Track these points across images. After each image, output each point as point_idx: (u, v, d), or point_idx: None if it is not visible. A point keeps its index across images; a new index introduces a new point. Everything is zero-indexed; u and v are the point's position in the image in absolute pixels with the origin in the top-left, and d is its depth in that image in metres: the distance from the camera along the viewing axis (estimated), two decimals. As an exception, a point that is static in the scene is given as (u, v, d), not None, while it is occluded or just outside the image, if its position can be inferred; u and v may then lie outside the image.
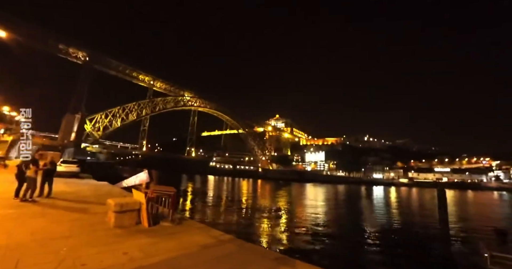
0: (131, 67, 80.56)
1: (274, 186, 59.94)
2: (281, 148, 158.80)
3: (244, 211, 22.79)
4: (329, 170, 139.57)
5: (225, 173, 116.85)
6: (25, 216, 6.25)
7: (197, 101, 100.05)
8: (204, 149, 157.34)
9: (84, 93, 67.07)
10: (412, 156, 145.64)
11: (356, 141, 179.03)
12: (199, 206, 24.87)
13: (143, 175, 16.00)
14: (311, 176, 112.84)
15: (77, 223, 5.95)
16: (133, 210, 6.19)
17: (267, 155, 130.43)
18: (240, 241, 5.54)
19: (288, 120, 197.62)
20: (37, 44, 62.52)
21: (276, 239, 13.79)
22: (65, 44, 66.39)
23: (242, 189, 49.60)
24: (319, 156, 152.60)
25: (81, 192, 11.22)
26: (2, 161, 19.50)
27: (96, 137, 68.83)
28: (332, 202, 35.20)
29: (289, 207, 27.50)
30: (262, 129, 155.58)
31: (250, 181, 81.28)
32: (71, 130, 60.63)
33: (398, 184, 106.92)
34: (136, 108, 77.66)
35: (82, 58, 69.21)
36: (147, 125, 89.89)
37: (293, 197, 40.18)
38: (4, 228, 5.18)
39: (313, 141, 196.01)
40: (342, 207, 31.20)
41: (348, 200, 40.90)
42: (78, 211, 7.29)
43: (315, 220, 20.00)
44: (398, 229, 18.85)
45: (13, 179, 8.38)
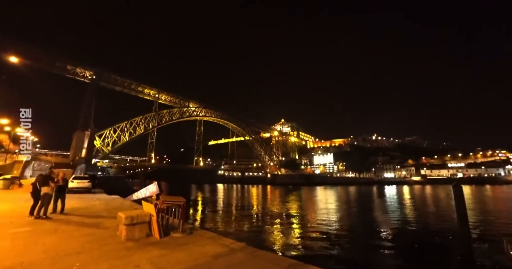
0: (136, 82, 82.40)
1: (284, 191, 59.32)
2: (288, 153, 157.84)
3: (255, 218, 22.56)
4: (339, 172, 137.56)
5: (234, 180, 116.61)
6: (39, 234, 6.34)
7: (202, 111, 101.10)
8: (212, 158, 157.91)
9: (92, 110, 68.69)
10: (423, 153, 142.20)
11: (364, 141, 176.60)
12: (210, 215, 24.76)
13: (152, 187, 16.15)
14: (320, 179, 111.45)
15: (89, 238, 5.99)
16: (144, 222, 6.22)
17: (274, 160, 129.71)
18: (252, 248, 5.46)
19: (294, 123, 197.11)
20: (45, 66, 64.90)
21: (288, 245, 13.52)
22: (72, 65, 68.72)
23: (251, 196, 49.25)
24: (327, 158, 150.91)
25: (93, 207, 11.35)
26: (18, 181, 19.99)
27: (105, 152, 70.04)
28: (344, 205, 34.52)
29: (300, 211, 27.09)
30: (268, 134, 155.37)
31: (259, 187, 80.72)
32: (82, 146, 61.90)
33: (410, 182, 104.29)
34: (143, 121, 78.98)
35: (89, 77, 71.31)
36: (155, 138, 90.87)
37: (303, 201, 39.62)
38: (18, 246, 5.26)
39: (320, 143, 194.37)
40: (354, 209, 30.53)
41: (360, 202, 40.04)
42: (90, 226, 7.35)
43: (328, 223, 19.59)
44: (415, 229, 18.27)
45: (28, 197, 8.57)
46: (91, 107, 68.14)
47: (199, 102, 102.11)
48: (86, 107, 67.43)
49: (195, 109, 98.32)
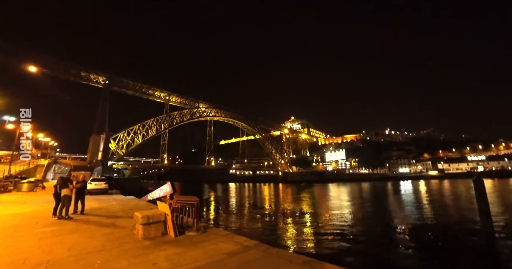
0: (147, 85, 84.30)
1: (296, 189, 59.04)
2: (299, 150, 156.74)
3: (268, 216, 22.61)
4: (351, 168, 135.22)
5: (246, 179, 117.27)
6: (62, 233, 6.66)
7: (211, 111, 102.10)
8: (223, 158, 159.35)
9: (106, 114, 70.97)
10: (440, 146, 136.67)
11: (377, 135, 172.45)
12: (222, 214, 25.04)
13: (166, 187, 16.55)
14: (333, 176, 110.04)
15: (108, 237, 6.24)
16: (159, 221, 6.39)
17: (285, 158, 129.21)
18: (266, 246, 5.50)
19: (304, 120, 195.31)
20: (61, 74, 67.63)
21: (302, 242, 13.49)
22: (86, 71, 71.16)
23: (263, 194, 49.35)
24: (339, 154, 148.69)
25: (110, 207, 11.77)
26: (41, 183, 20.98)
27: (120, 154, 72.23)
28: (358, 201, 33.94)
29: (313, 209, 26.89)
30: (278, 132, 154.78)
31: (271, 185, 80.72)
32: (98, 149, 64.11)
33: (427, 177, 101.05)
34: (155, 123, 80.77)
35: (102, 82, 73.64)
36: (167, 139, 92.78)
37: (316, 198, 39.28)
38: (45, 245, 5.56)
39: (331, 139, 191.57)
40: (368, 206, 29.95)
41: (375, 198, 39.23)
42: (109, 225, 7.64)
43: (341, 220, 19.35)
44: (433, 225, 17.70)
45: (51, 199, 9.01)
46: (105, 112, 70.38)
47: (209, 102, 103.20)
48: (100, 111, 69.73)
49: (205, 110, 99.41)
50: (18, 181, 18.80)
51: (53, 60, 65.21)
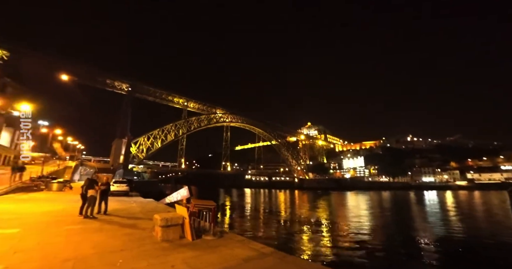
0: (166, 91, 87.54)
1: (312, 196, 57.73)
2: (316, 157, 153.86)
3: (283, 223, 22.27)
4: (371, 176, 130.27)
5: (261, 185, 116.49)
6: (87, 231, 7.02)
7: (228, 117, 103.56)
8: (239, 163, 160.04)
9: (128, 120, 74.34)
10: (468, 154, 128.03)
11: (398, 142, 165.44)
12: (238, 219, 25.02)
13: (183, 191, 16.86)
14: (351, 184, 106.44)
15: (129, 237, 6.47)
16: (177, 224, 6.55)
17: (302, 164, 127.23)
18: (282, 253, 5.44)
19: (321, 127, 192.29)
20: (89, 81, 72.18)
21: (318, 251, 13.11)
22: (111, 79, 75.43)
23: (279, 201, 48.73)
24: (357, 161, 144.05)
25: (131, 209, 12.22)
26: (68, 184, 22.24)
27: (140, 158, 74.96)
28: (377, 211, 32.48)
29: (330, 217, 26.12)
30: (294, 138, 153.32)
31: (287, 192, 79.59)
32: (120, 153, 67.08)
33: (454, 188, 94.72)
34: (174, 128, 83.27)
35: (125, 89, 77.55)
36: (184, 144, 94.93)
37: (333, 207, 38.14)
38: (73, 242, 5.89)
39: (349, 146, 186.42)
40: (389, 216, 28.57)
41: (396, 208, 37.37)
42: (130, 226, 7.93)
43: (360, 230, 18.59)
44: (462, 240, 16.47)
45: (78, 198, 9.57)
46: (127, 117, 73.76)
47: (226, 108, 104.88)
48: (123, 117, 73.21)
49: (222, 115, 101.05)
50: (49, 181, 20.08)
51: (83, 69, 69.90)
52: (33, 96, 38.56)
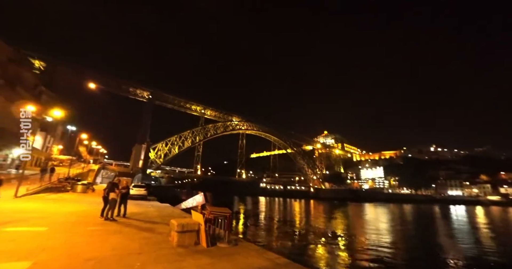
0: (185, 99, 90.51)
1: (328, 207, 55.96)
2: (332, 166, 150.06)
3: (299, 234, 21.68)
4: (391, 188, 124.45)
5: (276, 194, 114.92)
6: (108, 233, 7.27)
7: (244, 125, 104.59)
8: (254, 171, 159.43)
9: (148, 126, 77.45)
10: (501, 167, 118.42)
11: (420, 152, 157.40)
12: (252, 228, 24.71)
13: (199, 197, 17.00)
14: (369, 195, 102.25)
15: (146, 241, 6.62)
16: (193, 230, 6.60)
17: (318, 174, 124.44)
18: (297, 265, 5.30)
19: (338, 135, 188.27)
20: (113, 89, 76.52)
21: (335, 266, 12.56)
22: (133, 87, 79.47)
23: (294, 211, 47.69)
24: (376, 172, 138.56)
25: (148, 213, 12.52)
26: (91, 186, 23.31)
27: (158, 163, 77.22)
28: (399, 225, 30.73)
29: (348, 230, 25.08)
30: (310, 147, 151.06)
31: (302, 201, 77.81)
32: (139, 158, 69.60)
33: (486, 203, 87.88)
34: (191, 135, 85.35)
35: (146, 97, 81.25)
36: (201, 151, 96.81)
37: (350, 218, 36.66)
38: (93, 242, 6.14)
39: (367, 156, 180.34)
40: (412, 231, 26.91)
41: (419, 223, 35.15)
42: (147, 230, 8.12)
43: (379, 245, 17.63)
44: (496, 261, 15.08)
45: (100, 200, 9.99)
46: (147, 123, 76.84)
47: (242, 116, 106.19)
48: (143, 123, 76.35)
49: (238, 123, 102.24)
50: (74, 183, 21.19)
51: (110, 78, 74.45)
52: (64, 102, 41.47)
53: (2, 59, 26.89)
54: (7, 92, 28.43)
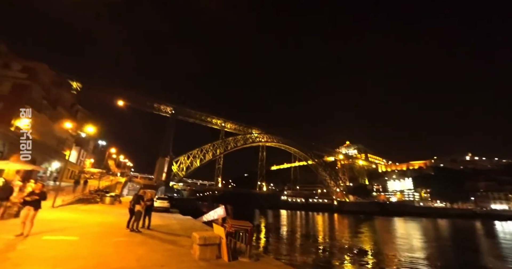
0: (206, 113, 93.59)
1: (354, 221, 53.01)
2: (356, 177, 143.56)
3: (322, 250, 20.65)
4: (422, 201, 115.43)
5: (297, 207, 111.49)
6: (133, 244, 7.50)
7: (264, 137, 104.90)
8: (274, 183, 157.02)
9: (171, 140, 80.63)
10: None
11: (454, 162, 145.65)
12: (273, 242, 24.03)
13: (220, 210, 17.05)
14: (398, 208, 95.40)
15: (169, 253, 6.71)
16: (215, 244, 6.57)
17: (341, 186, 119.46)
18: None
19: (361, 145, 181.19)
20: (140, 106, 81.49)
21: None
22: (158, 103, 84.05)
23: (317, 225, 45.78)
24: (405, 183, 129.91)
25: (171, 225, 12.75)
26: (118, 198, 24.36)
27: (180, 176, 79.16)
28: (434, 242, 28.12)
29: (376, 247, 23.45)
30: (332, 158, 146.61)
31: (325, 215, 74.61)
32: (163, 171, 71.97)
33: (538, 219, 77.79)
34: (211, 148, 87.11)
35: (170, 112, 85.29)
36: (221, 163, 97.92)
37: (378, 234, 34.33)
38: (120, 252, 6.36)
39: (394, 166, 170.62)
40: (450, 249, 24.49)
41: (458, 240, 31.93)
42: (170, 242, 8.25)
43: (413, 264, 16.20)
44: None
45: (126, 212, 10.40)
46: (170, 137, 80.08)
47: (261, 128, 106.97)
48: (166, 137, 79.66)
49: (258, 135, 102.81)
50: (103, 195, 22.34)
51: (137, 96, 79.80)
52: (96, 119, 44.79)
53: (46, 82, 30.01)
54: (50, 112, 31.41)
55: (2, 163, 17.38)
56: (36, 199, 7.22)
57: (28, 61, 28.10)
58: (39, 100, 28.77)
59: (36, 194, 7.37)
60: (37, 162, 27.63)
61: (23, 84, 26.37)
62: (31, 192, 7.58)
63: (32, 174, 25.25)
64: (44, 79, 29.46)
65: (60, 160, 32.81)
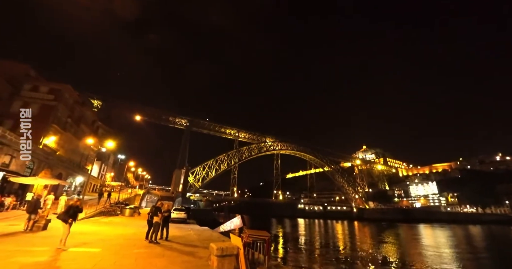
0: (219, 124, 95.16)
1: (376, 229, 50.60)
2: (375, 183, 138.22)
3: (343, 260, 19.82)
4: (449, 206, 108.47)
5: (315, 215, 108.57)
6: (152, 256, 7.63)
7: (278, 145, 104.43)
8: (291, 191, 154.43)
9: (186, 152, 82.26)
10: None
11: (482, 163, 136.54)
12: (292, 252, 23.41)
13: (237, 220, 16.99)
14: (423, 215, 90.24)
15: (187, 265, 6.76)
16: (232, 254, 6.52)
17: (360, 192, 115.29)
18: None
19: (379, 149, 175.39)
20: (155, 119, 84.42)
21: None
22: (173, 116, 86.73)
23: (336, 233, 44.13)
24: (428, 188, 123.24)
25: (188, 236, 12.85)
26: (137, 210, 24.94)
27: (197, 187, 79.98)
28: (468, 251, 26.12)
29: (400, 255, 22.21)
30: (349, 164, 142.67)
31: (345, 223, 71.88)
32: (179, 182, 73.11)
33: None
34: (226, 158, 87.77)
35: (184, 124, 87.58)
36: (236, 173, 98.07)
37: (403, 243, 32.49)
38: (139, 264, 6.51)
39: (416, 170, 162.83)
40: (485, 259, 22.60)
41: (494, 248, 29.47)
42: (188, 254, 8.31)
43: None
44: None
45: (144, 224, 10.65)
46: (185, 149, 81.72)
47: (275, 136, 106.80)
48: (182, 149, 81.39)
49: (272, 144, 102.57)
50: (123, 207, 22.98)
51: (153, 110, 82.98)
52: (115, 134, 46.81)
53: (70, 102, 32.09)
54: (74, 129, 33.34)
55: (31, 179, 18.54)
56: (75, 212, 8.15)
57: (54, 83, 30.30)
58: (64, 118, 30.72)
59: (76, 208, 8.23)
60: (63, 177, 29.15)
61: (50, 105, 28.35)
62: (71, 206, 8.26)
63: (58, 188, 26.63)
64: (68, 99, 31.53)
65: (83, 175, 34.38)
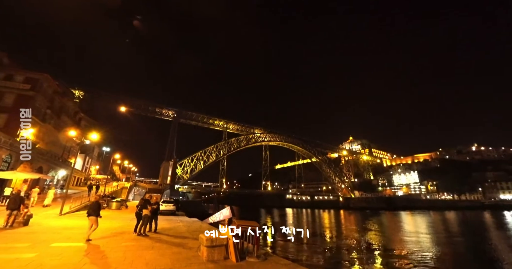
0: (207, 115, 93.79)
1: (360, 217, 52.74)
2: (361, 173, 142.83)
3: (329, 248, 20.59)
4: (428, 193, 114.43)
5: (303, 205, 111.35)
6: (141, 248, 7.55)
7: (266, 136, 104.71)
8: (279, 182, 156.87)
9: (174, 143, 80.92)
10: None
11: (460, 153, 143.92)
12: (281, 241, 24.01)
13: (226, 211, 17.16)
14: (404, 203, 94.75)
15: (177, 256, 6.74)
16: (222, 245, 6.59)
17: (346, 182, 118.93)
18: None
19: (364, 140, 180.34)
20: (142, 111, 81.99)
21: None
22: (159, 107, 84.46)
23: (323, 222, 45.64)
24: (410, 177, 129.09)
25: (177, 228, 12.81)
26: (124, 203, 24.53)
27: (185, 179, 79.40)
28: (444, 235, 27.86)
29: (384, 242, 23.31)
30: (336, 154, 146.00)
31: (331, 212, 74.37)
32: (167, 174, 72.23)
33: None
34: (215, 150, 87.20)
35: (172, 116, 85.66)
36: (225, 165, 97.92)
37: (386, 229, 34.14)
38: (129, 257, 6.40)
39: (399, 160, 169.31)
40: (461, 242, 24.22)
41: (469, 232, 31.59)
42: (177, 245, 8.29)
43: (423, 259, 16.08)
44: None
45: (133, 217, 10.48)
46: (173, 141, 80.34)
47: (264, 128, 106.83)
48: (169, 141, 79.98)
49: (260, 135, 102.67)
50: (110, 200, 22.51)
51: (139, 101, 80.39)
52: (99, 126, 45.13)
53: (49, 92, 30.36)
54: (54, 121, 31.76)
55: (9, 173, 17.65)
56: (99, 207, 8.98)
57: (30, 72, 28.43)
58: (43, 110, 29.13)
59: None
60: (44, 170, 27.95)
61: (27, 95, 26.70)
62: (96, 203, 9.00)
63: (39, 182, 25.57)
64: (47, 89, 29.80)
65: (66, 168, 33.16)
